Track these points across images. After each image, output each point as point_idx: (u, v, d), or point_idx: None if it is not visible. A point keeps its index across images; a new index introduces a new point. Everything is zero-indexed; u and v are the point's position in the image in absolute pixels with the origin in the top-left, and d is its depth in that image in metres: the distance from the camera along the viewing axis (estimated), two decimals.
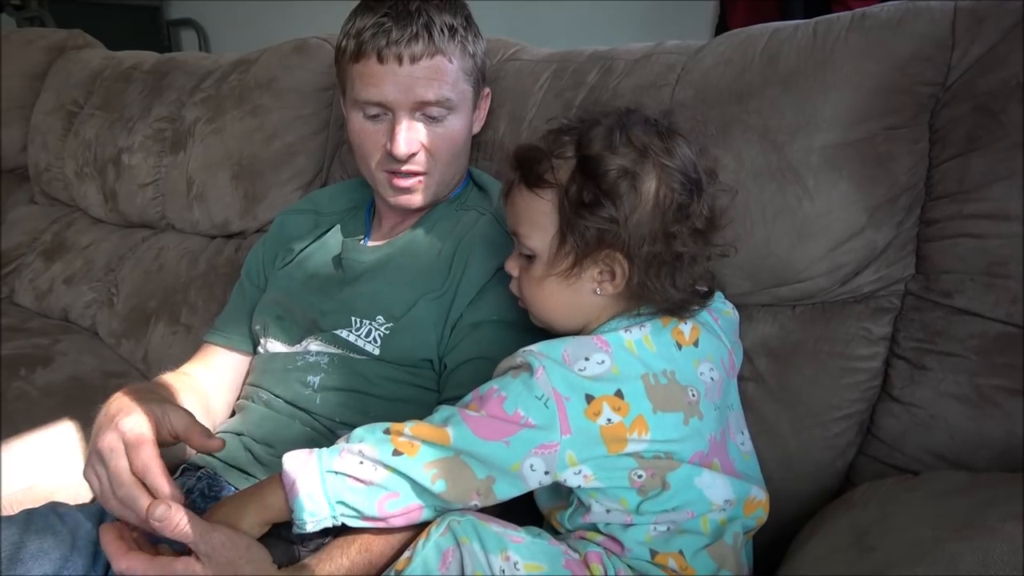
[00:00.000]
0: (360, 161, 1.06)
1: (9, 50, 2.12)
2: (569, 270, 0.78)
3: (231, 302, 1.20)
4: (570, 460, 0.74)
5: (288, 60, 1.55)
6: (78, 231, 1.89)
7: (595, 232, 0.75)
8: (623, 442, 0.74)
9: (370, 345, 0.98)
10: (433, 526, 0.75)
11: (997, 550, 0.55)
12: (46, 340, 1.58)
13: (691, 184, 0.77)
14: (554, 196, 0.78)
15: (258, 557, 0.76)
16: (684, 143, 0.79)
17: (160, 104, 1.75)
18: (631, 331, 0.78)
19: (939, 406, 0.86)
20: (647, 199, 0.75)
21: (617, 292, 0.79)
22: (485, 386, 0.77)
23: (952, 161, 0.89)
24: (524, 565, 0.71)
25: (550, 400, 0.73)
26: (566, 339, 0.79)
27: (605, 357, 0.76)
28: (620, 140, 0.76)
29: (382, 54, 0.95)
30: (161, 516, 0.71)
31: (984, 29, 0.89)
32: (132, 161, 1.74)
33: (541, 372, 0.74)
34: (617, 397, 0.74)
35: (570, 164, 0.77)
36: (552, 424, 0.73)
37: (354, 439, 0.77)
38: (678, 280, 0.77)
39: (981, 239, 0.85)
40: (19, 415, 1.29)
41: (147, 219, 1.76)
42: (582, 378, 0.74)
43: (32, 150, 2.04)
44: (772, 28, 1.05)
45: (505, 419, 0.73)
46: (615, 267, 0.77)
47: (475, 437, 0.73)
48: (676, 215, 0.76)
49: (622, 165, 0.75)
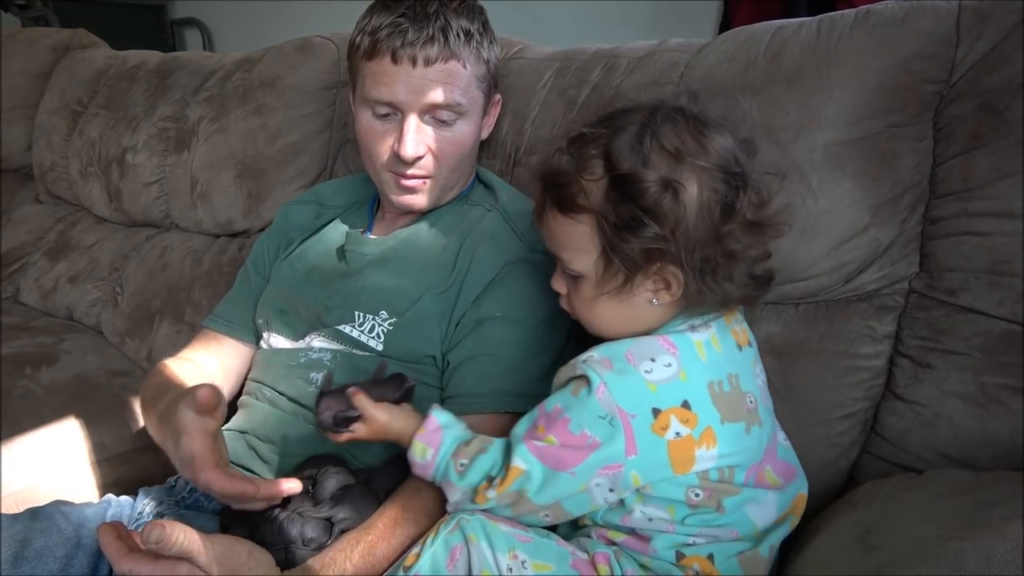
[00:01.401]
0: (366, 159, 1.05)
1: (13, 49, 2.12)
2: (621, 287, 0.75)
3: (235, 289, 1.19)
4: (634, 480, 0.72)
5: (292, 59, 1.55)
6: (82, 230, 1.90)
7: (640, 251, 0.71)
8: (690, 459, 0.72)
9: (373, 341, 0.98)
10: (442, 523, 0.75)
11: (1001, 549, 0.55)
12: (51, 339, 1.59)
13: (734, 178, 0.72)
14: (591, 219, 0.74)
15: (260, 561, 0.76)
16: (717, 132, 0.74)
17: (164, 103, 1.75)
18: (698, 331, 0.75)
19: (943, 404, 0.85)
20: (691, 206, 0.71)
21: (675, 299, 0.75)
22: (550, 403, 0.75)
23: (956, 159, 0.89)
24: (532, 564, 0.71)
25: (615, 419, 0.71)
26: (628, 340, 0.76)
27: (672, 360, 0.73)
28: (650, 148, 0.71)
29: (396, 54, 0.94)
30: (157, 539, 0.68)
31: (989, 26, 0.88)
32: (136, 160, 1.74)
33: (603, 389, 0.71)
34: (684, 408, 0.72)
35: (602, 184, 0.73)
36: (617, 443, 0.71)
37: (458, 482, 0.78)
38: (736, 275, 0.74)
39: (985, 237, 0.85)
40: (24, 413, 1.29)
41: (151, 218, 1.77)
42: (648, 387, 0.71)
43: (36, 149, 2.04)
44: (776, 26, 1.04)
45: (573, 442, 0.72)
46: (669, 277, 0.73)
47: (543, 468, 0.73)
48: (724, 214, 0.72)
49: (659, 177, 0.70)
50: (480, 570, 0.70)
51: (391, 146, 0.99)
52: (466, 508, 0.77)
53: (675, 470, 0.72)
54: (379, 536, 0.80)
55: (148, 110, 1.77)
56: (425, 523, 0.82)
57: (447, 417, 0.82)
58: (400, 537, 0.81)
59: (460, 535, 0.73)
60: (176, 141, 1.68)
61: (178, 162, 1.67)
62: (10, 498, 1.18)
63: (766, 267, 0.78)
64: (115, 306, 1.67)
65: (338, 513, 0.84)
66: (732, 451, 0.73)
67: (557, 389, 0.78)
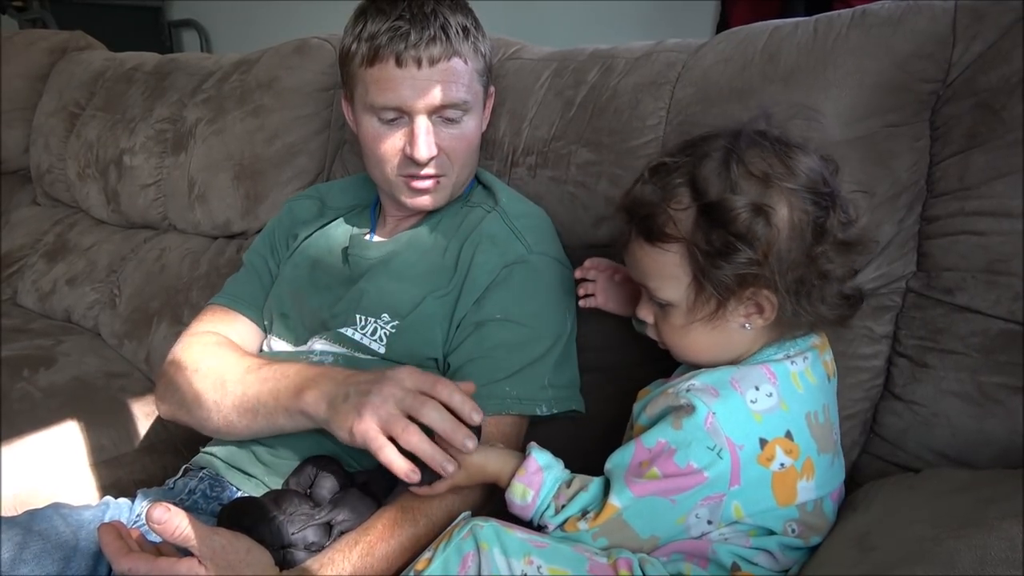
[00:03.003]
0: (374, 166, 1.03)
1: (11, 51, 2.12)
2: (713, 314, 0.75)
3: (243, 276, 1.17)
4: (736, 511, 0.72)
5: (289, 60, 1.55)
6: (80, 232, 1.89)
7: (733, 277, 0.72)
8: (793, 492, 0.73)
9: (376, 344, 0.97)
10: (456, 528, 0.74)
11: (995, 548, 0.55)
12: (49, 341, 1.59)
13: (823, 199, 0.73)
14: (680, 248, 0.74)
15: (259, 560, 0.76)
16: (803, 153, 0.75)
17: (161, 105, 1.75)
18: (795, 362, 0.76)
19: (941, 404, 0.85)
20: (783, 229, 0.71)
21: (768, 323, 0.76)
22: (650, 438, 0.74)
23: (953, 158, 0.89)
24: (548, 569, 0.70)
25: (724, 450, 0.70)
26: (730, 367, 0.76)
27: (773, 390, 0.73)
28: (738, 173, 0.71)
29: (401, 58, 0.93)
30: (160, 519, 0.70)
31: (985, 26, 0.88)
32: (134, 162, 1.74)
33: (711, 420, 0.71)
34: (787, 439, 0.72)
35: (690, 213, 0.73)
36: (723, 475, 0.71)
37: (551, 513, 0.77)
38: (828, 296, 0.74)
39: (982, 236, 0.85)
40: (22, 416, 1.29)
41: (149, 220, 1.77)
42: (754, 416, 0.72)
43: (34, 151, 2.04)
44: (773, 26, 1.04)
45: (679, 473, 0.71)
46: (762, 301, 0.74)
47: (640, 500, 0.72)
48: (815, 235, 0.72)
49: (749, 203, 0.70)
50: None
51: (401, 150, 0.98)
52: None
53: (778, 501, 0.72)
54: (378, 537, 0.80)
55: (146, 112, 1.77)
56: (424, 524, 0.82)
57: (547, 457, 0.81)
58: (399, 538, 0.81)
59: (473, 542, 0.72)
60: (174, 143, 1.68)
61: (176, 164, 1.67)
62: (9, 500, 1.18)
63: (855, 286, 0.79)
64: (113, 308, 1.67)
65: (337, 515, 0.84)
66: (824, 482, 0.75)
67: (650, 419, 0.77)
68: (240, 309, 1.11)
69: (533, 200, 1.13)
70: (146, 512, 0.71)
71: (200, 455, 1.04)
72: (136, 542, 0.76)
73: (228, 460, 0.99)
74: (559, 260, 1.05)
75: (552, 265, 1.02)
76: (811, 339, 0.80)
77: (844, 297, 0.76)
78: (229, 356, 0.99)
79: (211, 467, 1.00)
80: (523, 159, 1.20)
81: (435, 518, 0.82)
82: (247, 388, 0.92)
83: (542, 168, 1.17)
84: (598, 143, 1.12)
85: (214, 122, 1.61)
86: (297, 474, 0.90)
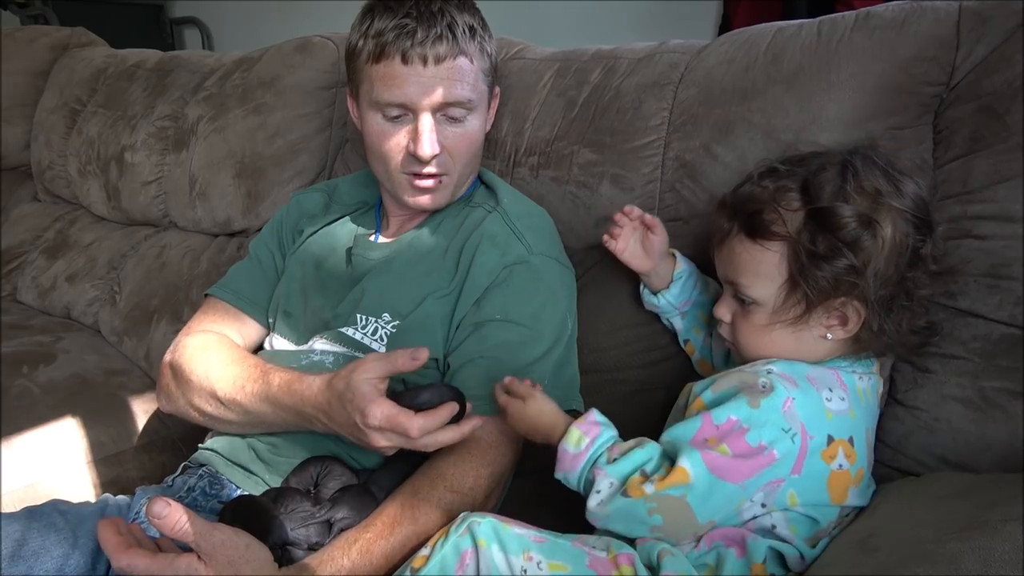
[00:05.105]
0: (377, 163, 1.04)
1: (12, 48, 2.12)
2: (798, 318, 0.77)
3: (248, 269, 1.17)
4: (791, 499, 0.73)
5: (291, 58, 1.55)
6: (81, 229, 1.89)
7: (831, 281, 0.74)
8: (844, 494, 0.75)
9: (376, 343, 0.97)
10: (453, 525, 0.74)
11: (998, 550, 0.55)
12: (48, 338, 1.58)
13: (924, 225, 0.77)
14: (783, 247, 0.77)
15: (258, 556, 0.76)
16: (910, 179, 0.78)
17: (163, 102, 1.75)
18: (863, 378, 0.79)
19: (942, 409, 0.85)
20: (885, 245, 0.74)
21: (848, 336, 0.78)
22: (720, 415, 0.74)
23: (956, 162, 0.89)
24: (548, 564, 0.70)
25: (797, 436, 0.72)
26: (804, 363, 0.78)
27: (844, 396, 0.76)
28: (852, 188, 0.75)
29: (407, 55, 0.94)
30: (160, 513, 0.69)
31: (989, 29, 0.88)
32: (135, 159, 1.74)
33: (790, 404, 0.73)
34: (849, 444, 0.75)
35: (799, 215, 0.76)
36: (790, 459, 0.72)
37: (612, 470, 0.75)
38: (907, 321, 0.78)
39: (984, 240, 0.85)
40: (21, 412, 1.29)
41: (150, 217, 1.77)
42: (826, 413, 0.74)
43: (35, 148, 2.04)
44: (776, 27, 1.04)
45: (749, 452, 0.71)
46: (849, 313, 0.77)
47: (713, 478, 0.71)
48: (912, 258, 0.76)
49: (859, 213, 0.74)
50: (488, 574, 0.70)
51: (405, 147, 0.98)
52: (596, 515, 0.75)
53: (832, 499, 0.75)
54: (377, 535, 0.80)
55: (147, 109, 1.77)
56: (423, 522, 0.82)
57: (605, 418, 0.82)
58: (398, 536, 0.81)
59: (470, 539, 0.72)
60: (175, 140, 1.68)
61: (177, 161, 1.66)
62: (7, 497, 1.18)
63: (930, 320, 0.82)
64: (113, 305, 1.67)
65: (336, 513, 0.84)
66: (862, 497, 0.77)
67: (716, 396, 0.77)
68: (242, 307, 1.11)
69: (535, 200, 1.13)
70: (146, 506, 0.71)
71: (200, 452, 1.04)
72: (135, 537, 0.76)
73: (229, 457, 0.99)
74: (560, 261, 1.05)
75: (553, 266, 1.02)
76: (873, 365, 0.82)
77: (919, 325, 0.80)
78: (223, 357, 1.00)
79: (211, 464, 1.00)
80: (525, 159, 1.20)
81: (434, 517, 0.82)
82: (240, 397, 0.95)
83: (544, 168, 1.17)
84: (600, 143, 1.12)
85: (215, 120, 1.61)
86: (299, 473, 0.90)
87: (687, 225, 1.06)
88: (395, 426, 0.77)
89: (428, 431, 0.77)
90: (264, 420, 0.94)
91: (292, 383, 0.90)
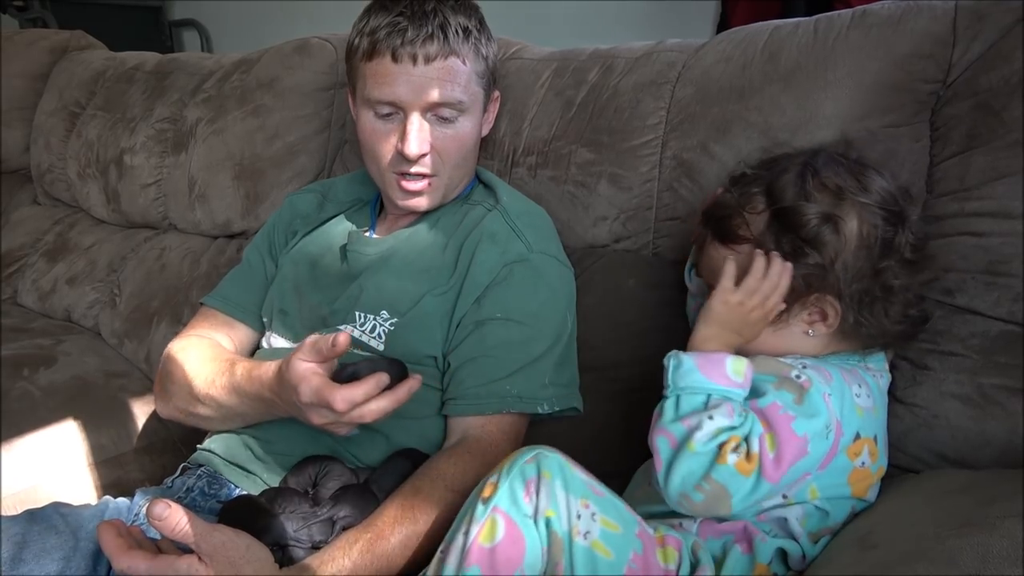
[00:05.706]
0: (369, 161, 1.05)
1: (11, 51, 2.12)
2: (778, 317, 0.79)
3: (238, 276, 1.18)
4: (812, 492, 0.74)
5: (289, 60, 1.55)
6: (80, 232, 1.89)
7: (800, 280, 0.76)
8: (864, 489, 0.76)
9: (375, 341, 0.97)
10: (519, 453, 0.72)
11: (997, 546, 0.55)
12: (49, 340, 1.59)
13: (893, 217, 0.77)
14: (750, 250, 0.78)
15: (259, 557, 0.76)
16: (877, 174, 0.79)
17: (162, 104, 1.75)
18: (877, 376, 0.80)
19: (941, 406, 0.85)
20: (851, 239, 0.76)
21: (831, 331, 0.79)
22: (765, 401, 0.73)
23: (953, 159, 0.89)
24: (601, 519, 0.69)
25: (831, 432, 0.73)
26: (834, 358, 0.79)
27: (869, 392, 0.77)
28: (812, 186, 0.76)
29: (397, 53, 0.94)
30: (160, 515, 0.70)
31: (985, 26, 0.88)
32: (134, 162, 1.74)
33: (829, 400, 0.73)
34: (873, 442, 0.76)
35: (763, 217, 0.78)
36: (821, 457, 0.72)
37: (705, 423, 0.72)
38: (891, 312, 0.78)
39: (982, 237, 0.85)
40: (22, 415, 1.29)
41: (149, 219, 1.77)
42: (856, 410, 0.75)
43: (35, 151, 2.04)
44: (773, 26, 1.05)
45: (795, 441, 0.71)
46: (826, 308, 0.78)
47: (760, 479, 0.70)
48: (883, 250, 0.77)
49: (820, 211, 0.75)
50: (548, 507, 0.68)
51: (394, 145, 0.99)
52: (671, 431, 0.74)
53: (853, 491, 0.76)
54: (378, 534, 0.80)
55: (146, 111, 1.77)
56: (424, 522, 0.82)
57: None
58: (400, 535, 0.81)
59: (535, 468, 0.70)
60: (174, 142, 1.68)
61: (176, 163, 1.66)
62: (8, 500, 1.18)
63: (922, 308, 0.83)
64: (113, 307, 1.67)
65: (338, 511, 0.84)
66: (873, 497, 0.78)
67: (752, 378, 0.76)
68: (231, 312, 1.13)
69: (533, 200, 1.13)
70: (146, 508, 0.71)
71: (198, 452, 1.04)
72: (135, 539, 0.76)
73: (227, 457, 0.99)
74: (559, 259, 1.05)
75: (553, 264, 1.02)
76: (884, 362, 0.83)
77: (907, 315, 0.80)
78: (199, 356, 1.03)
79: (209, 464, 1.00)
80: (523, 159, 1.20)
81: (436, 516, 0.82)
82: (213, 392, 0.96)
83: (542, 168, 1.17)
84: (598, 143, 1.12)
85: (214, 122, 1.61)
86: (297, 473, 0.90)
87: (684, 224, 1.06)
88: (320, 400, 0.77)
89: (354, 402, 0.76)
90: (236, 411, 0.96)
91: (252, 370, 0.91)
